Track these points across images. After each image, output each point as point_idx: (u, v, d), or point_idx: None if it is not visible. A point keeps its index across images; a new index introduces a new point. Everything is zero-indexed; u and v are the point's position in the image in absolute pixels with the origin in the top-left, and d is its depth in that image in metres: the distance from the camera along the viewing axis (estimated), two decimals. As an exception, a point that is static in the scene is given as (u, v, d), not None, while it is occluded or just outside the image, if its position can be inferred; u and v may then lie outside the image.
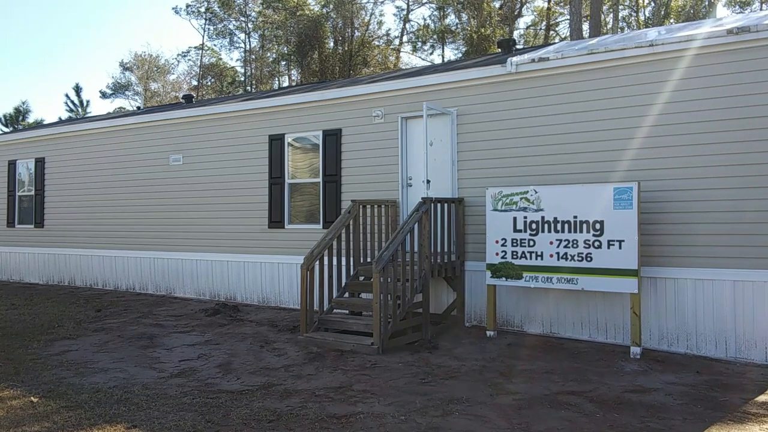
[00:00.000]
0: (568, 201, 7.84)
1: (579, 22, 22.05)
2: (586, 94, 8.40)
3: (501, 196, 8.33)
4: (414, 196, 9.77)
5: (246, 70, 41.36)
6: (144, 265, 13.20)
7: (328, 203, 10.74)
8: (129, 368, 7.09)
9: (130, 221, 13.48)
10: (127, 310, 11.00)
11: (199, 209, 12.38)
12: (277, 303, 11.30)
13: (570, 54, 8.42)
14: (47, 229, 15.13)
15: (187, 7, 40.78)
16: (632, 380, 6.51)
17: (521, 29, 36.37)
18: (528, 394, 6.03)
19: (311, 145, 11.09)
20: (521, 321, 8.81)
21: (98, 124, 14.48)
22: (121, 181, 13.68)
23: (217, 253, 12.09)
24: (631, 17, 33.88)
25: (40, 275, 15.26)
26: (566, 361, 7.23)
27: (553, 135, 8.60)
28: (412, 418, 5.34)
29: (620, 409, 5.60)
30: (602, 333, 8.18)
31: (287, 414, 5.47)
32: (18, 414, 5.49)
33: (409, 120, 9.98)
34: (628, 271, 7.36)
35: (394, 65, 35.66)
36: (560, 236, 7.84)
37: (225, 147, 12.09)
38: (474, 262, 9.13)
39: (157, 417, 5.39)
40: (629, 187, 7.39)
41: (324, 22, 35.18)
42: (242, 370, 7.01)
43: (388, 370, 6.91)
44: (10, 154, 16.16)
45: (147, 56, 43.06)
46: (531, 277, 8.08)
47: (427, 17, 38.50)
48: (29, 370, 6.98)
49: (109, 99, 44.97)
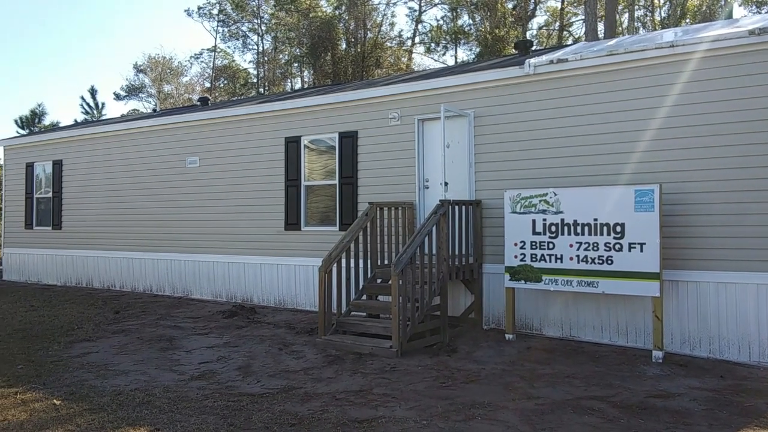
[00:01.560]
0: (588, 203, 7.78)
1: (594, 22, 21.92)
2: (605, 95, 8.34)
3: (519, 198, 8.29)
4: (431, 199, 9.73)
5: (259, 72, 41.49)
6: (161, 267, 13.27)
7: (345, 205, 10.74)
8: (149, 370, 7.12)
9: (147, 223, 13.55)
10: (146, 311, 11.05)
11: (215, 211, 12.42)
12: (293, 305, 11.31)
13: (589, 55, 8.36)
14: (65, 231, 15.25)
15: (199, 9, 40.96)
16: (655, 385, 6.44)
17: (534, 30, 36.22)
18: (550, 398, 5.98)
19: (327, 147, 11.10)
20: (540, 324, 8.75)
21: (115, 127, 14.58)
22: (138, 183, 13.75)
23: (233, 255, 12.12)
24: (646, 17, 33.62)
25: (58, 277, 15.38)
26: (587, 365, 7.17)
27: (572, 137, 8.55)
28: (434, 423, 5.32)
29: (644, 415, 5.54)
30: (623, 337, 8.11)
31: (309, 418, 5.46)
32: (41, 417, 5.52)
33: (425, 122, 9.96)
34: (649, 274, 7.29)
35: (406, 66, 35.64)
36: (580, 239, 7.78)
37: (241, 149, 12.13)
38: (492, 264, 9.08)
39: (180, 420, 5.40)
40: (651, 189, 7.32)
41: (336, 23, 35.25)
42: (262, 372, 7.01)
43: (407, 373, 6.89)
44: (27, 156, 16.30)
45: (160, 58, 43.30)
46: (550, 280, 8.03)
47: (439, 18, 38.47)
48: (51, 372, 7.02)
49: (123, 101, 45.36)
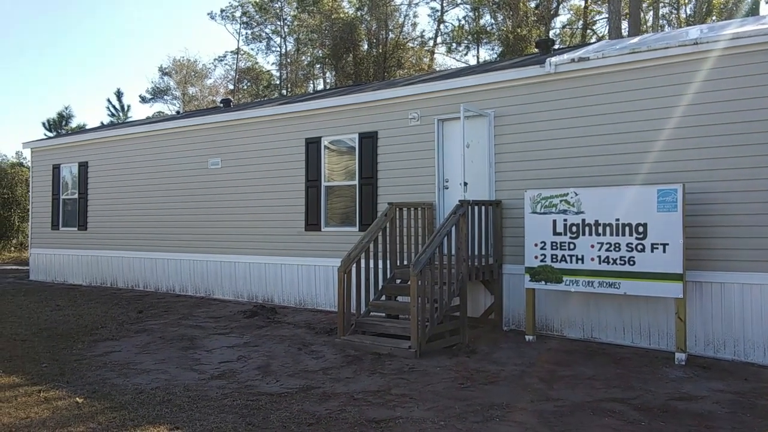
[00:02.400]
0: (609, 203, 7.69)
1: (618, 21, 21.67)
2: (627, 94, 8.23)
3: (540, 198, 8.22)
4: (450, 199, 9.70)
5: (281, 74, 41.76)
6: (184, 267, 13.42)
7: (365, 206, 10.75)
8: (170, 369, 7.19)
9: (170, 224, 13.71)
10: (168, 311, 11.18)
11: (237, 212, 12.53)
12: (313, 305, 11.35)
13: (611, 53, 8.26)
14: (90, 232, 15.50)
15: (222, 12, 41.39)
16: (678, 387, 6.34)
17: (557, 29, 35.92)
18: (570, 400, 5.92)
19: (347, 148, 11.12)
20: (561, 325, 8.67)
21: (139, 129, 14.79)
22: (161, 184, 13.93)
23: (254, 255, 12.21)
24: (671, 15, 33.15)
25: (84, 277, 15.63)
26: (608, 367, 7.09)
27: (593, 136, 8.46)
28: (452, 424, 5.29)
29: (666, 417, 5.45)
30: (645, 338, 8.00)
31: (326, 417, 5.47)
32: (64, 414, 5.60)
33: (445, 122, 9.93)
34: (672, 275, 7.18)
35: (428, 67, 35.58)
36: (602, 239, 7.69)
37: (262, 150, 12.21)
38: (512, 265, 9.02)
39: (199, 419, 5.44)
40: (674, 188, 7.20)
41: (358, 24, 35.34)
42: (281, 372, 7.05)
43: (426, 374, 6.87)
44: (54, 158, 16.60)
45: (185, 61, 43.86)
46: (571, 281, 7.95)
47: (461, 18, 38.34)
48: (74, 371, 7.13)
49: (148, 104, 45.99)
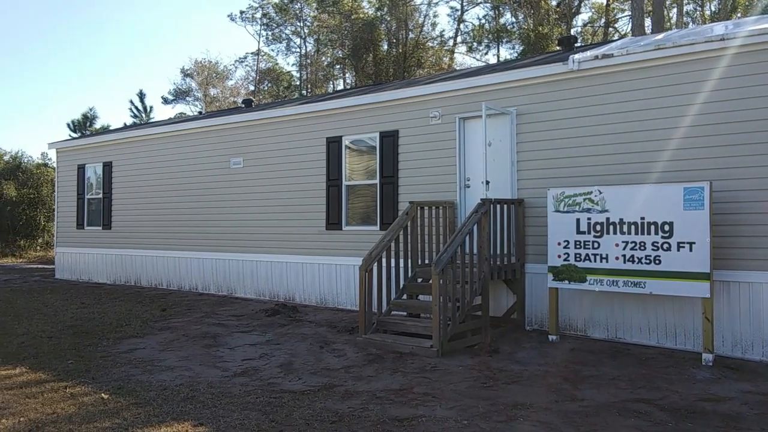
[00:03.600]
0: (634, 201, 7.59)
1: (641, 18, 21.42)
2: (652, 91, 8.12)
3: (563, 197, 8.14)
4: (472, 198, 9.65)
5: (301, 75, 41.92)
6: (206, 266, 13.52)
7: (385, 205, 10.74)
8: (194, 367, 7.25)
9: (192, 223, 13.83)
10: (191, 309, 11.28)
11: (258, 211, 12.59)
12: (334, 304, 11.37)
13: (635, 50, 8.15)
14: (114, 231, 15.69)
15: (242, 13, 41.65)
16: (705, 388, 6.23)
17: (579, 27, 35.58)
18: (595, 400, 5.85)
19: (368, 147, 11.12)
20: (585, 325, 8.57)
21: (162, 129, 14.93)
22: (184, 184, 14.05)
23: (276, 254, 12.26)
24: (695, 12, 32.68)
25: (108, 275, 15.83)
26: (633, 368, 6.99)
27: (617, 134, 8.35)
28: (475, 423, 5.26)
29: (693, 419, 5.36)
30: (671, 339, 7.88)
31: (349, 415, 5.47)
32: (90, 410, 5.67)
33: (466, 120, 9.88)
34: (699, 275, 7.06)
35: (448, 66, 35.47)
36: (626, 238, 7.59)
37: (284, 150, 12.26)
38: (535, 264, 8.95)
39: (222, 415, 5.47)
40: (700, 186, 7.09)
41: (378, 24, 35.34)
42: (303, 370, 7.06)
43: (448, 373, 6.84)
44: (79, 158, 16.84)
45: (206, 63, 44.17)
46: (595, 280, 7.86)
47: (481, 17, 38.14)
48: (99, 368, 7.22)
49: (170, 105, 46.30)
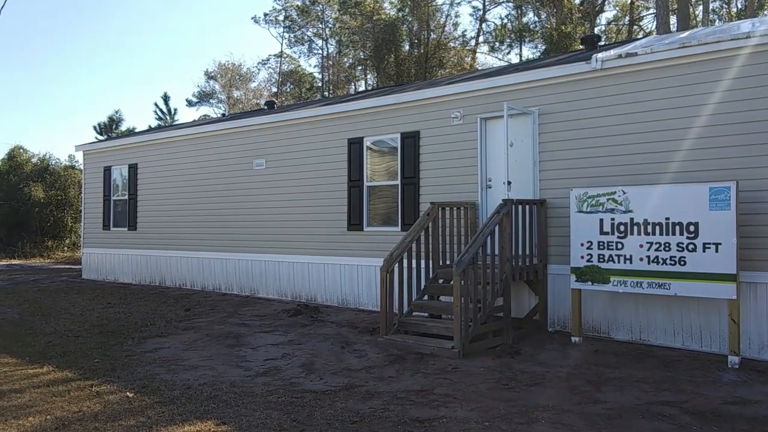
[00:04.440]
0: (659, 202, 7.49)
1: (666, 16, 21.13)
2: (677, 90, 8.01)
3: (586, 197, 8.07)
4: (494, 198, 9.61)
5: (323, 76, 42.09)
6: (229, 267, 13.64)
7: (407, 205, 10.74)
8: (217, 366, 7.32)
9: (216, 224, 13.96)
10: (214, 309, 11.39)
11: (281, 212, 12.67)
12: (356, 305, 11.40)
13: (660, 48, 8.05)
14: (140, 232, 15.91)
15: (265, 16, 41.94)
16: (731, 391, 6.13)
17: (602, 25, 35.21)
18: (618, 403, 5.79)
19: (389, 148, 11.13)
20: (608, 327, 8.48)
21: (186, 131, 15.11)
22: (207, 185, 14.20)
23: (298, 255, 12.33)
24: (722, 9, 32.13)
25: (133, 275, 16.05)
26: (658, 370, 6.90)
27: (641, 133, 8.25)
28: (497, 425, 5.24)
29: (719, 422, 5.28)
30: (696, 341, 7.76)
31: (370, 416, 5.48)
32: (115, 408, 5.76)
33: (488, 120, 9.84)
34: (725, 276, 6.95)
35: (470, 66, 35.33)
36: (651, 239, 7.50)
37: (306, 151, 12.32)
38: (557, 265, 8.88)
39: (245, 414, 5.52)
40: (726, 186, 6.97)
41: (400, 25, 35.33)
42: (324, 370, 7.10)
43: (469, 374, 6.82)
44: (105, 160, 17.11)
45: (230, 65, 44.57)
46: (619, 282, 7.77)
47: (503, 17, 37.89)
48: (125, 367, 7.33)
49: (194, 107, 46.86)
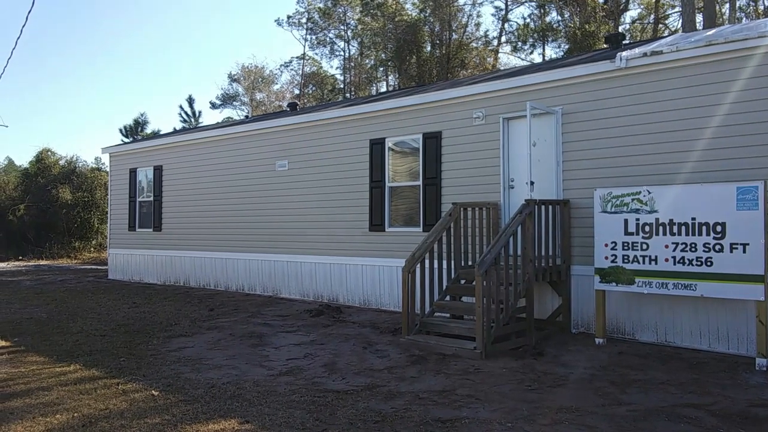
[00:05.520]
0: (685, 202, 7.39)
1: (692, 14, 20.81)
2: (703, 88, 7.90)
3: (611, 197, 7.99)
4: (516, 199, 9.56)
5: (345, 78, 42.22)
6: (252, 267, 13.76)
7: (428, 206, 10.73)
8: (240, 365, 7.39)
9: (239, 224, 14.09)
10: (237, 309, 11.49)
11: (303, 213, 12.75)
12: (377, 305, 11.42)
13: (686, 46, 7.94)
14: (164, 233, 16.11)
15: (288, 18, 42.21)
16: (758, 394, 6.03)
17: (627, 24, 34.80)
18: (643, 405, 5.73)
19: (411, 149, 11.13)
20: (632, 328, 8.39)
21: (210, 133, 15.27)
22: (231, 187, 14.34)
23: (320, 255, 12.39)
24: (749, 7, 31.57)
25: (158, 276, 16.26)
26: (684, 372, 6.81)
27: (666, 132, 8.15)
28: (520, 426, 5.21)
29: (746, 425, 5.19)
30: (723, 343, 7.64)
31: (392, 416, 5.49)
32: (140, 406, 5.84)
33: (510, 120, 9.79)
34: (753, 277, 6.83)
35: (492, 66, 35.17)
36: (677, 239, 7.40)
37: (328, 152, 12.38)
38: (581, 266, 8.80)
39: (268, 413, 5.57)
40: (754, 186, 6.86)
41: (422, 26, 35.29)
42: (346, 370, 7.12)
43: (491, 375, 6.79)
44: (130, 162, 17.36)
45: (253, 68, 44.94)
46: (644, 282, 7.68)
47: (526, 16, 37.73)
48: (150, 365, 7.43)
49: (218, 109, 47.33)
